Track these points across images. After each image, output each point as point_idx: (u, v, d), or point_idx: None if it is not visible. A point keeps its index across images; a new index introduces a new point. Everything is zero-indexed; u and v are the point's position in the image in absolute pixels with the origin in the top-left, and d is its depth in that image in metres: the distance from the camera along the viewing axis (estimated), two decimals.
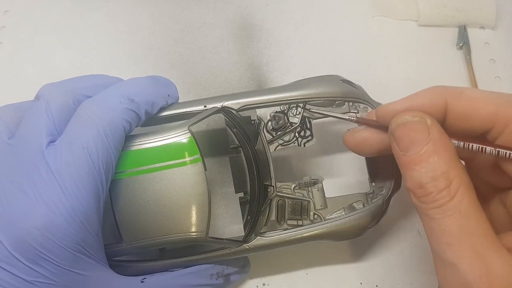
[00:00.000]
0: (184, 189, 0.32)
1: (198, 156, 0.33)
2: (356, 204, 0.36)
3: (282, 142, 0.36)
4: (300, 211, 0.35)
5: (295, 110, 0.36)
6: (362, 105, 0.36)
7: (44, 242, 0.27)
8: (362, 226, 0.35)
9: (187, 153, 0.33)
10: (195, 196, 0.32)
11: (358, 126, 0.32)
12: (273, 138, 0.36)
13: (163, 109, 0.35)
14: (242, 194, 0.34)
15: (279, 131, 0.36)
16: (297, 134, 0.36)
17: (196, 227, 0.32)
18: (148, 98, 0.33)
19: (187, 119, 0.34)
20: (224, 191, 0.33)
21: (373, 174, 0.36)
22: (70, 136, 0.29)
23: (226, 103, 0.35)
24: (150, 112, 0.34)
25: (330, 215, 0.36)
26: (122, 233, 0.32)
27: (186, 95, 0.45)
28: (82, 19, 0.48)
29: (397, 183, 0.35)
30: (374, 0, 0.49)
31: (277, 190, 0.35)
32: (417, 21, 0.48)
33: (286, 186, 0.36)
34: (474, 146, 0.27)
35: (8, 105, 0.33)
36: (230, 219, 0.33)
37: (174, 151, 0.33)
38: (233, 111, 0.35)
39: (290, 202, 0.36)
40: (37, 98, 0.32)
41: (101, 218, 0.30)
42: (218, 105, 0.35)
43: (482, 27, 0.48)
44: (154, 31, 0.47)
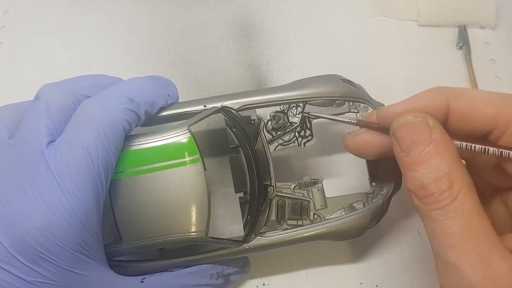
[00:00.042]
0: (183, 189, 0.32)
1: (197, 156, 0.33)
2: (356, 204, 0.36)
3: (282, 142, 0.36)
4: (300, 211, 0.35)
5: (295, 110, 0.36)
6: (363, 104, 0.36)
7: (44, 242, 0.27)
8: (362, 226, 0.35)
9: (187, 153, 0.33)
10: (195, 196, 0.32)
11: (358, 128, 0.32)
12: (273, 138, 0.36)
13: (163, 109, 0.35)
14: (242, 194, 0.34)
15: (279, 131, 0.36)
16: (297, 134, 0.36)
17: (195, 227, 0.32)
18: (148, 98, 0.33)
19: (187, 119, 0.34)
20: (224, 191, 0.33)
21: (373, 174, 0.36)
22: (70, 136, 0.29)
23: (226, 103, 0.35)
24: (150, 112, 0.34)
25: (330, 215, 0.36)
26: (122, 233, 0.32)
27: (186, 95, 0.45)
28: (82, 19, 0.48)
29: (397, 183, 0.35)
30: (374, 0, 0.49)
31: (277, 190, 0.35)
32: (417, 21, 0.48)
33: (286, 186, 0.36)
34: (476, 147, 0.27)
35: (8, 105, 0.33)
36: (230, 219, 0.33)
37: (173, 151, 0.33)
38: (233, 111, 0.35)
39: (290, 202, 0.36)
40: (37, 98, 0.32)
41: (101, 218, 0.30)
42: (218, 105, 0.35)
43: (482, 27, 0.48)
44: (154, 31, 0.47)
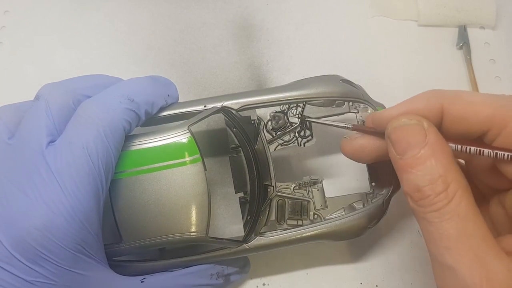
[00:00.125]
0: (184, 189, 0.32)
1: (198, 156, 0.33)
2: (356, 204, 0.36)
3: (282, 142, 0.36)
4: (300, 211, 0.35)
5: (295, 110, 0.36)
6: (362, 105, 0.36)
7: (44, 242, 0.27)
8: (362, 226, 0.35)
9: (187, 153, 0.33)
10: (195, 196, 0.32)
11: (355, 133, 0.32)
12: (273, 138, 0.36)
13: (163, 109, 0.35)
14: (242, 194, 0.34)
15: (279, 131, 0.36)
16: (297, 134, 0.36)
17: (196, 227, 0.32)
18: (148, 98, 0.33)
19: (187, 119, 0.34)
20: (224, 191, 0.33)
21: (373, 174, 0.36)
22: (70, 136, 0.29)
23: (226, 103, 0.35)
24: (150, 112, 0.34)
25: (330, 215, 0.36)
26: (122, 233, 0.32)
27: (186, 95, 0.45)
28: (82, 19, 0.48)
29: (397, 183, 0.35)
30: (374, 0, 0.49)
31: (277, 190, 0.35)
32: (417, 21, 0.48)
33: (286, 186, 0.36)
34: (472, 149, 0.27)
35: (8, 105, 0.33)
36: (230, 219, 0.33)
37: (174, 151, 0.33)
38: (233, 111, 0.35)
39: (290, 202, 0.36)
40: (37, 98, 0.32)
41: (101, 218, 0.30)
42: (218, 105, 0.35)
43: (482, 27, 0.48)
44: (154, 31, 0.47)
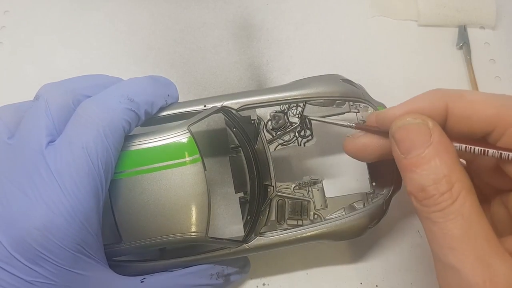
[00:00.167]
0: (183, 189, 0.32)
1: (197, 156, 0.33)
2: (356, 204, 0.36)
3: (282, 141, 0.36)
4: (300, 211, 0.35)
5: (295, 110, 0.36)
6: (363, 104, 0.36)
7: (44, 242, 0.27)
8: (362, 226, 0.35)
9: (187, 153, 0.33)
10: (195, 196, 0.32)
11: (357, 132, 0.32)
12: (273, 138, 0.36)
13: (163, 109, 0.35)
14: (242, 194, 0.34)
15: (279, 131, 0.36)
16: (297, 134, 0.36)
17: (195, 227, 0.32)
18: (148, 98, 0.33)
19: (187, 119, 0.34)
20: (224, 191, 0.33)
21: (373, 174, 0.36)
22: (70, 136, 0.29)
23: (226, 103, 0.35)
24: (150, 112, 0.33)
25: (330, 215, 0.36)
26: (122, 233, 0.32)
27: (186, 95, 0.45)
28: (82, 19, 0.48)
29: (397, 183, 0.35)
30: (374, 0, 0.49)
31: (277, 190, 0.35)
32: (417, 21, 0.48)
33: (286, 186, 0.36)
34: (476, 149, 0.27)
35: (8, 105, 0.33)
36: (230, 219, 0.33)
37: (173, 151, 0.33)
38: (233, 111, 0.35)
39: (290, 202, 0.35)
40: (36, 98, 0.32)
41: (100, 218, 0.30)
42: (218, 104, 0.35)
43: (482, 27, 0.48)
44: (154, 31, 0.47)
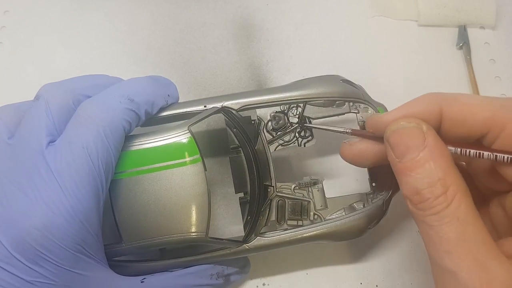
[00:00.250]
0: (184, 189, 0.32)
1: (198, 156, 0.33)
2: (356, 204, 0.36)
3: (282, 142, 0.36)
4: (300, 211, 0.35)
5: (295, 110, 0.36)
6: (363, 105, 0.36)
7: (44, 242, 0.27)
8: (362, 227, 0.35)
9: (187, 153, 0.33)
10: (195, 196, 0.32)
11: (354, 137, 0.32)
12: (273, 138, 0.36)
13: (163, 109, 0.35)
14: (242, 194, 0.34)
15: (279, 131, 0.36)
16: (297, 134, 0.36)
17: (196, 227, 0.32)
18: (148, 98, 0.33)
19: (187, 119, 0.34)
20: (224, 191, 0.33)
21: (373, 174, 0.36)
22: (70, 136, 0.29)
23: (226, 103, 0.35)
24: (150, 112, 0.33)
25: (330, 216, 0.36)
26: (122, 233, 0.32)
27: (186, 95, 0.45)
28: (82, 19, 0.48)
29: (397, 184, 0.35)
30: (374, 0, 0.49)
31: (277, 190, 0.35)
32: (417, 21, 0.48)
33: (286, 186, 0.36)
34: (471, 152, 0.27)
35: (8, 105, 0.33)
36: (230, 219, 0.33)
37: (174, 151, 0.33)
38: (233, 111, 0.35)
39: (290, 202, 0.36)
40: (37, 98, 0.32)
41: (101, 218, 0.30)
42: (218, 105, 0.35)
43: (482, 27, 0.48)
44: (154, 31, 0.47)
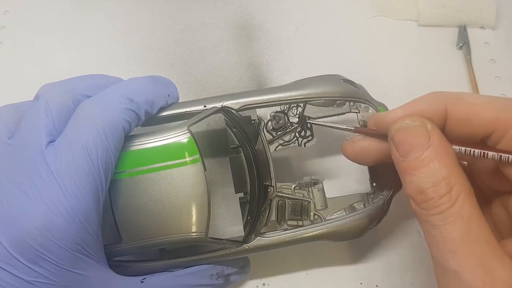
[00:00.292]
0: (183, 189, 0.32)
1: (197, 156, 0.33)
2: (356, 204, 0.36)
3: (282, 142, 0.36)
4: (300, 212, 0.35)
5: (296, 110, 0.36)
6: (363, 104, 0.36)
7: (43, 242, 0.27)
8: (363, 227, 0.35)
9: (187, 153, 0.33)
10: (195, 196, 0.32)
11: (356, 135, 0.32)
12: (273, 138, 0.36)
13: (163, 109, 0.35)
14: (242, 194, 0.34)
15: (279, 131, 0.36)
16: (297, 134, 0.36)
17: (196, 228, 0.32)
18: (148, 98, 0.33)
19: (187, 119, 0.34)
20: (224, 191, 0.33)
21: (374, 174, 0.36)
22: (70, 136, 0.29)
23: (226, 103, 0.35)
24: (150, 112, 0.33)
25: (331, 216, 0.35)
26: (122, 233, 0.32)
27: (186, 95, 0.45)
28: (82, 19, 0.48)
29: (398, 184, 0.35)
30: (374, 0, 0.49)
31: (277, 190, 0.35)
32: (417, 21, 0.48)
33: (286, 186, 0.36)
34: (475, 152, 0.27)
35: (8, 105, 0.33)
36: (230, 220, 0.33)
37: (173, 151, 0.32)
38: (233, 111, 0.35)
39: (290, 202, 0.35)
40: (36, 98, 0.32)
41: (100, 218, 0.30)
42: (218, 105, 0.35)
43: (482, 27, 0.48)
44: (154, 31, 0.47)
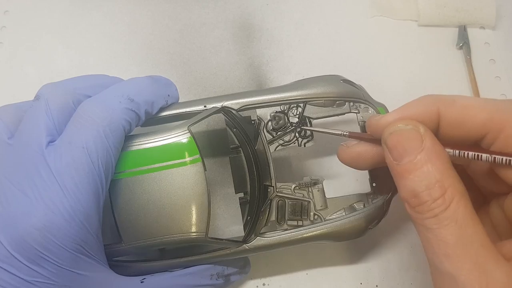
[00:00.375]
0: (183, 189, 0.32)
1: (197, 156, 0.33)
2: (356, 204, 0.36)
3: (282, 142, 0.36)
4: (300, 212, 0.35)
5: (296, 110, 0.36)
6: (363, 105, 0.36)
7: (44, 242, 0.27)
8: (363, 227, 0.35)
9: (187, 153, 0.33)
10: (195, 196, 0.32)
11: (351, 140, 0.32)
12: (273, 138, 0.36)
13: (163, 109, 0.35)
14: (242, 195, 0.34)
15: (279, 131, 0.36)
16: (297, 134, 0.36)
17: (195, 227, 0.32)
18: (148, 98, 0.33)
19: (187, 119, 0.34)
20: (224, 191, 0.33)
21: (373, 175, 0.36)
22: (70, 136, 0.29)
23: (226, 103, 0.35)
24: (150, 112, 0.33)
25: (331, 216, 0.35)
26: (122, 233, 0.32)
27: (186, 95, 0.45)
28: (82, 19, 0.48)
29: None
30: (374, 0, 0.49)
31: (277, 190, 0.35)
32: (417, 21, 0.48)
33: (286, 186, 0.36)
34: (469, 154, 0.27)
35: (8, 105, 0.33)
36: (230, 220, 0.33)
37: (174, 151, 0.33)
38: (233, 111, 0.35)
39: (290, 202, 0.35)
40: (37, 98, 0.32)
41: (100, 218, 0.30)
42: (218, 105, 0.35)
43: (482, 27, 0.48)
44: (154, 31, 0.47)
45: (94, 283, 0.30)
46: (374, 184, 0.36)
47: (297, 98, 0.36)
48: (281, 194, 0.35)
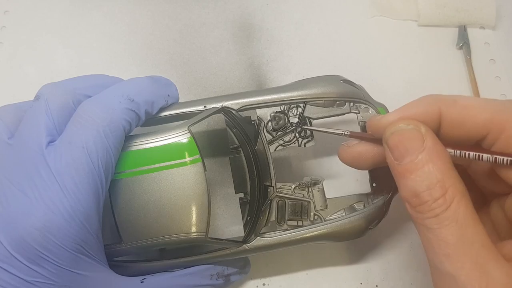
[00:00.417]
0: (183, 189, 0.32)
1: (198, 156, 0.33)
2: (356, 205, 0.36)
3: (282, 142, 0.36)
4: (300, 212, 0.35)
5: (296, 110, 0.36)
6: (363, 105, 0.36)
7: (44, 242, 0.27)
8: (363, 227, 0.35)
9: (187, 153, 0.33)
10: (195, 196, 0.32)
11: (352, 140, 0.32)
12: (273, 139, 0.36)
13: (163, 109, 0.35)
14: (242, 195, 0.34)
15: (279, 131, 0.36)
16: (297, 135, 0.36)
17: (195, 228, 0.32)
18: (148, 98, 0.33)
19: (187, 119, 0.34)
20: (224, 192, 0.33)
21: (374, 175, 0.36)
22: (70, 136, 0.29)
23: (226, 103, 0.35)
24: (150, 112, 0.33)
25: (331, 216, 0.35)
26: (122, 233, 0.32)
27: (186, 95, 0.45)
28: (82, 19, 0.48)
29: None
30: (374, 0, 0.49)
31: (277, 190, 0.35)
32: (417, 21, 0.48)
33: (286, 186, 0.36)
34: (470, 154, 0.27)
35: (8, 105, 0.33)
36: (230, 220, 0.33)
37: (174, 151, 0.33)
38: (233, 111, 0.35)
39: (290, 202, 0.35)
40: (37, 98, 0.32)
41: (100, 218, 0.30)
42: (218, 105, 0.35)
43: (482, 27, 0.48)
44: (154, 31, 0.47)
45: (94, 283, 0.30)
46: (374, 184, 0.36)
47: (297, 98, 0.36)
48: (281, 194, 0.35)
